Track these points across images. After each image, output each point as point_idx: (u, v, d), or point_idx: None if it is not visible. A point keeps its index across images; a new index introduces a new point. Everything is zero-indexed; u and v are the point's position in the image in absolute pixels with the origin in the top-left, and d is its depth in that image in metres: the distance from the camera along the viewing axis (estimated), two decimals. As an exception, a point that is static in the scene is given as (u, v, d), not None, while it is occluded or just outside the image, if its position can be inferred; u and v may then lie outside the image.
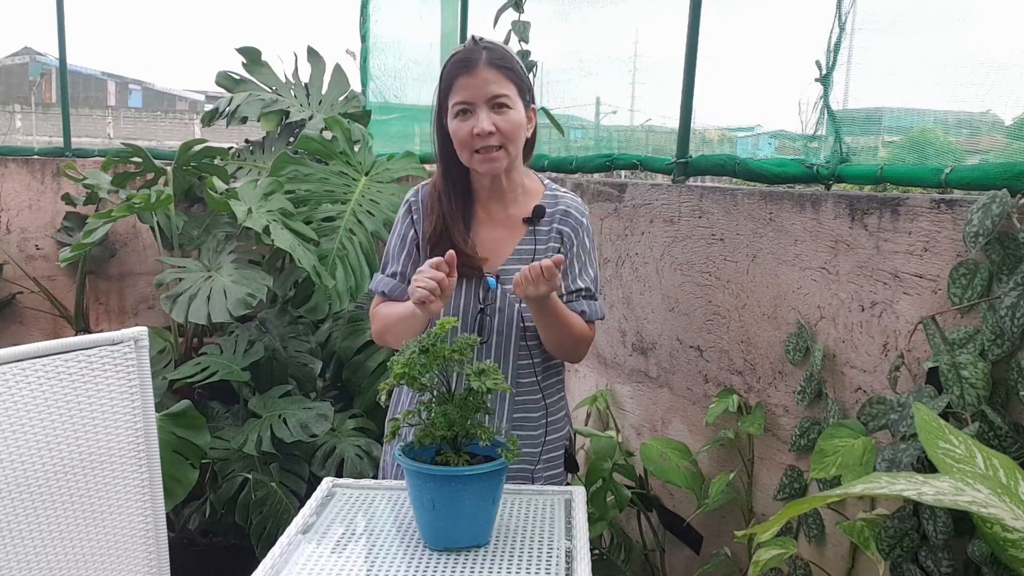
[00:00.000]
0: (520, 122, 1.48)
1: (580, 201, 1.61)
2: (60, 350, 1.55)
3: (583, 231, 1.58)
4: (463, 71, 1.45)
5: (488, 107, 1.45)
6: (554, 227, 1.57)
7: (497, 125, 1.45)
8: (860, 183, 1.60)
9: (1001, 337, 1.18)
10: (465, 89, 1.45)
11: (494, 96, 1.45)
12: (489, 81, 1.45)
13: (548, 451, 1.63)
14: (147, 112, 19.26)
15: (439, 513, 1.21)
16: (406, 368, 1.19)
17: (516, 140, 1.48)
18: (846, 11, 1.57)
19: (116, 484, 1.64)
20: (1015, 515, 0.84)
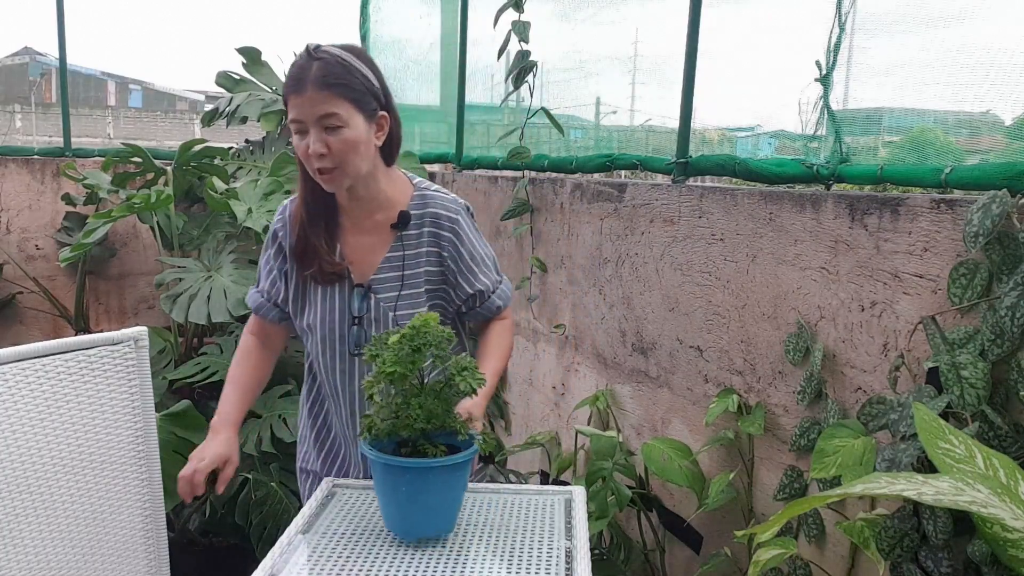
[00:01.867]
0: (355, 140, 1.41)
1: (451, 197, 1.56)
2: (60, 350, 1.55)
3: (461, 229, 1.53)
4: (292, 90, 1.40)
5: (319, 127, 1.40)
6: (424, 231, 1.53)
7: (329, 146, 1.40)
8: (860, 183, 1.60)
9: (1001, 337, 1.18)
10: (296, 108, 1.40)
11: (323, 116, 1.39)
12: (317, 101, 1.38)
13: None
14: (147, 112, 19.26)
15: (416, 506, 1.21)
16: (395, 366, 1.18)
17: (351, 159, 1.42)
18: (846, 11, 1.57)
19: (116, 484, 1.64)
20: (1015, 515, 0.84)
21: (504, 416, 2.75)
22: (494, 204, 2.73)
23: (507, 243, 2.66)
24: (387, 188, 1.53)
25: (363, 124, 1.43)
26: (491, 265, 1.59)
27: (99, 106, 18.46)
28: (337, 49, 1.44)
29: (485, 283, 1.56)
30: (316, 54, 1.41)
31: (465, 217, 1.56)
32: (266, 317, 1.62)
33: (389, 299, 1.53)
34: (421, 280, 1.54)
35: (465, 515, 1.33)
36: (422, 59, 3.60)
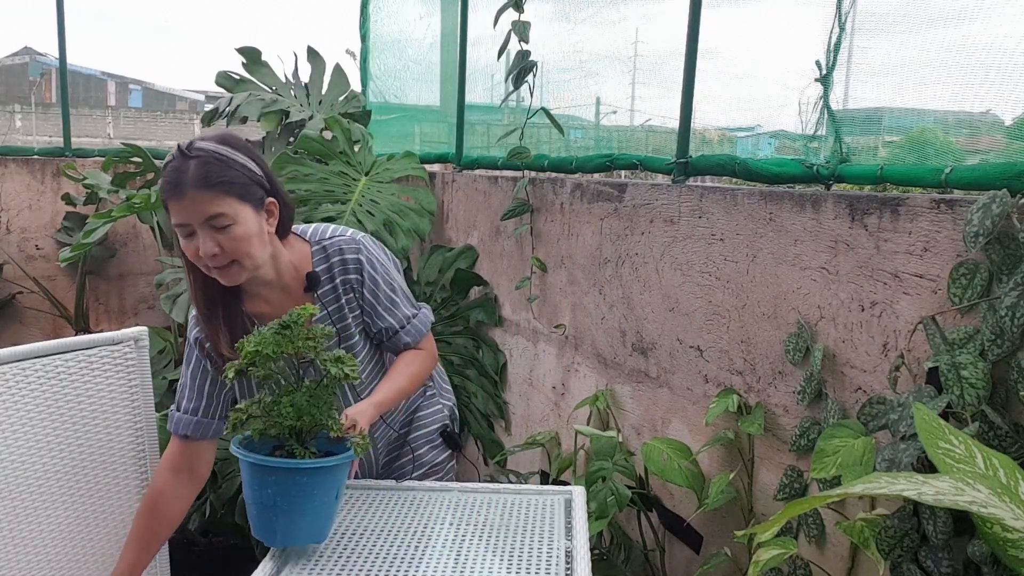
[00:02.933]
0: (247, 234, 1.36)
1: (348, 236, 1.53)
2: (60, 350, 1.55)
3: (364, 269, 1.51)
4: (170, 194, 1.34)
5: (207, 228, 1.34)
6: (337, 282, 1.51)
7: (221, 245, 1.35)
8: (860, 183, 1.60)
9: (1001, 337, 1.18)
10: (178, 213, 1.34)
11: (209, 218, 1.34)
12: (200, 202, 1.33)
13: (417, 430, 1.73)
14: (147, 112, 19.25)
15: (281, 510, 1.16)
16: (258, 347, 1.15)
17: (248, 252, 1.37)
18: (846, 11, 1.57)
19: (116, 484, 1.64)
20: (1015, 515, 0.84)
21: (504, 416, 2.75)
22: (494, 204, 2.73)
23: (507, 243, 2.66)
24: (289, 259, 1.49)
25: (252, 215, 1.38)
26: (400, 299, 1.57)
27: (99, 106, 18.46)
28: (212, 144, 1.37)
29: (389, 321, 1.55)
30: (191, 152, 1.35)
31: (367, 253, 1.52)
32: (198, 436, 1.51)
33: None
34: (353, 329, 1.54)
35: (465, 515, 1.33)
36: (422, 59, 3.60)
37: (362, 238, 1.55)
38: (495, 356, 2.75)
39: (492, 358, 2.76)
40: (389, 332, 1.57)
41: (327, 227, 1.56)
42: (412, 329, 1.59)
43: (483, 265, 2.84)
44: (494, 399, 2.75)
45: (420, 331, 1.61)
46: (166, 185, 1.34)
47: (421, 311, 1.64)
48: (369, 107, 3.60)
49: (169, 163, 1.36)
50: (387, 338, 1.58)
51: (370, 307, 1.54)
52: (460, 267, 2.85)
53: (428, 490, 1.45)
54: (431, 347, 1.66)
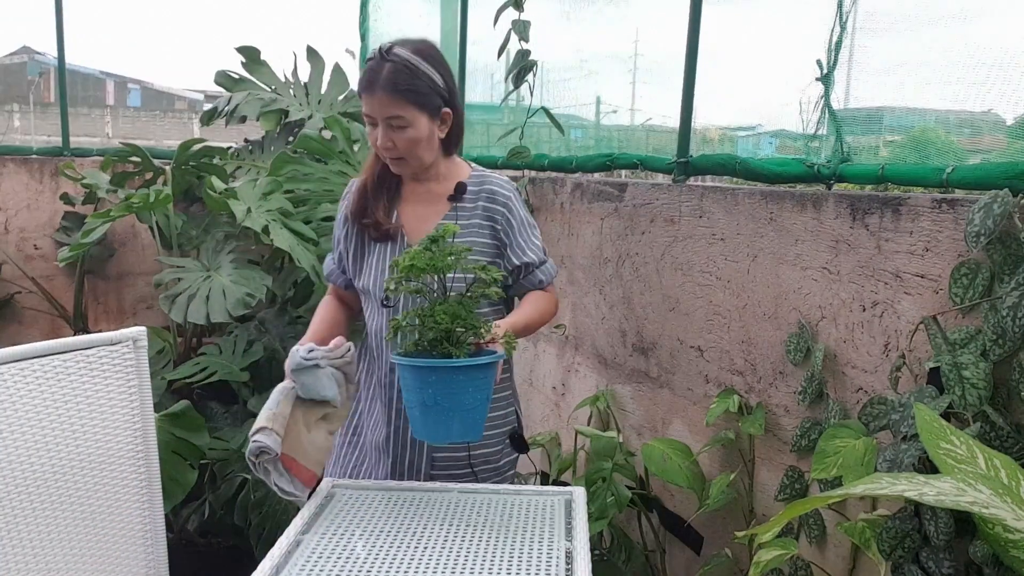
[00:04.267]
0: (418, 138, 1.57)
1: (506, 179, 1.69)
2: (59, 350, 1.54)
3: (514, 206, 1.65)
4: (364, 89, 1.56)
5: (386, 125, 1.56)
6: (480, 204, 1.65)
7: (394, 142, 1.56)
8: (861, 183, 1.59)
9: (1003, 337, 1.17)
10: (367, 105, 1.57)
11: (390, 117, 1.55)
12: (385, 103, 1.55)
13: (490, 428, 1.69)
14: (146, 111, 19.24)
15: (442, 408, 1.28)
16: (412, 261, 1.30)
17: (415, 153, 1.59)
18: (847, 10, 1.56)
19: (115, 485, 1.63)
20: (1016, 516, 0.84)
21: (504, 416, 2.75)
22: (494, 204, 2.73)
23: (507, 243, 2.66)
24: (447, 171, 1.68)
25: (426, 123, 1.58)
26: (538, 244, 1.68)
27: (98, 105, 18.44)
28: (407, 52, 1.57)
29: (532, 257, 1.64)
30: (388, 56, 1.56)
31: (517, 196, 1.68)
32: (336, 282, 1.78)
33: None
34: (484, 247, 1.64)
35: (465, 515, 1.33)
36: (422, 59, 3.59)
37: (515, 185, 1.70)
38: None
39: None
40: (529, 267, 1.65)
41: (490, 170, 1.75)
42: (547, 268, 1.68)
43: (483, 265, 2.84)
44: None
45: (551, 272, 1.69)
46: (362, 79, 1.57)
47: (550, 260, 1.72)
48: (368, 107, 3.59)
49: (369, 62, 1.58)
50: (524, 275, 1.65)
51: (513, 241, 1.65)
52: (460, 267, 2.84)
53: (428, 490, 1.45)
54: (555, 297, 1.71)
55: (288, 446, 1.44)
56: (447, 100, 1.62)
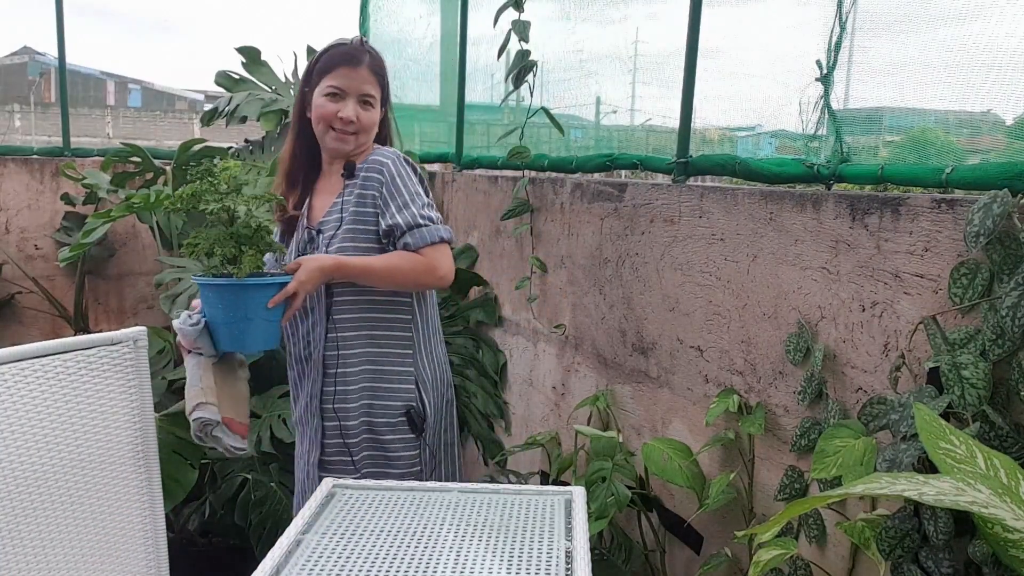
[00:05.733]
0: (373, 120, 1.79)
1: (392, 152, 1.80)
2: (59, 350, 1.55)
3: (388, 169, 1.74)
4: (347, 63, 1.73)
5: (357, 100, 1.74)
6: (361, 175, 1.77)
7: (359, 117, 1.75)
8: (861, 183, 1.59)
9: (1002, 337, 1.18)
10: (344, 78, 1.73)
11: (365, 94, 1.75)
12: (366, 80, 1.75)
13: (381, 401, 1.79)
14: (146, 112, 19.23)
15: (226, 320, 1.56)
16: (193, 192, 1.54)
17: (369, 133, 1.79)
18: (846, 10, 1.56)
19: (115, 484, 1.63)
20: (1016, 515, 0.84)
21: (504, 416, 2.75)
22: (494, 204, 2.73)
23: (507, 243, 2.66)
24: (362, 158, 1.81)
25: (379, 109, 1.81)
26: (415, 211, 1.72)
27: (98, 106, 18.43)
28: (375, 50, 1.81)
29: (398, 220, 1.71)
30: (366, 46, 1.78)
31: (397, 163, 1.77)
32: None
33: (328, 239, 1.77)
34: (356, 220, 1.75)
35: (465, 515, 1.33)
36: (422, 59, 3.60)
37: (402, 156, 1.81)
38: (495, 356, 2.75)
39: (492, 358, 2.75)
40: (396, 231, 1.71)
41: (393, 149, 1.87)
42: (417, 233, 1.71)
43: (483, 265, 2.84)
44: (494, 399, 2.74)
45: (423, 237, 1.71)
46: (344, 56, 1.74)
47: (435, 226, 1.73)
48: (369, 107, 3.59)
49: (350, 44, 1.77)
50: (394, 238, 1.72)
51: (384, 204, 1.73)
52: (460, 267, 2.85)
53: (428, 490, 1.45)
54: (433, 263, 1.72)
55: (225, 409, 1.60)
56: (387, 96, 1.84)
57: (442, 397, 1.90)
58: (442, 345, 1.95)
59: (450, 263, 1.75)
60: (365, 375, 1.80)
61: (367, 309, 1.78)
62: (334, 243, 1.75)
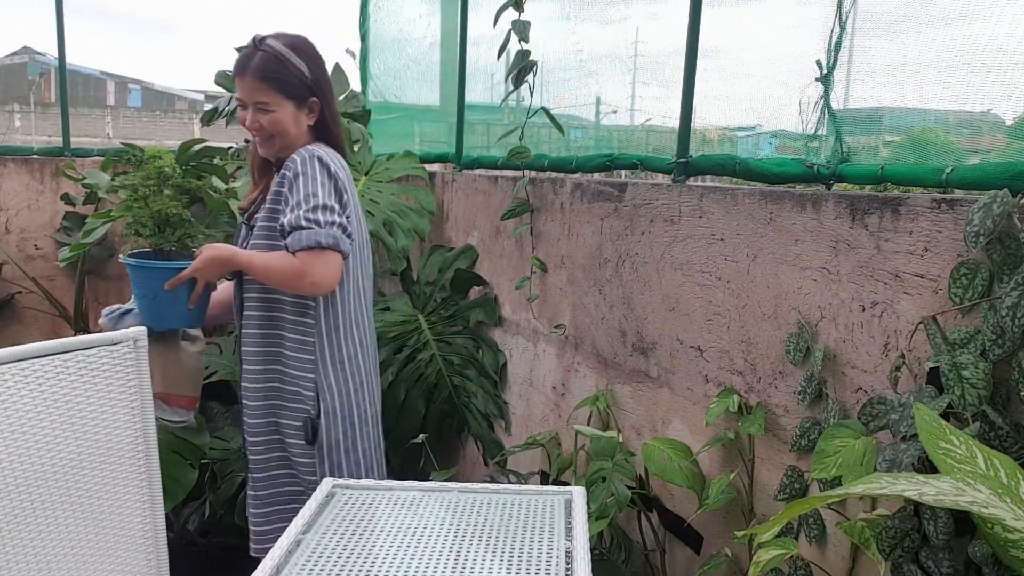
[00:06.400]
0: (281, 120, 1.75)
1: (311, 149, 1.76)
2: (59, 350, 1.55)
3: (294, 170, 1.72)
4: (236, 73, 1.75)
5: (254, 107, 1.75)
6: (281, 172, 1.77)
7: (260, 123, 1.75)
8: (861, 183, 1.59)
9: (1002, 337, 1.18)
10: (239, 88, 1.76)
11: (256, 101, 1.74)
12: (253, 88, 1.73)
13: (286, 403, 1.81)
14: (146, 112, 19.24)
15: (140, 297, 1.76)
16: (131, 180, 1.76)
17: (285, 135, 1.77)
18: (846, 10, 1.56)
19: (115, 484, 1.63)
20: (1016, 515, 0.84)
21: (504, 416, 2.75)
22: (494, 204, 2.73)
23: (507, 243, 2.66)
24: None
25: (292, 109, 1.76)
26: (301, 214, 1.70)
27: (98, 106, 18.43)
28: (279, 44, 1.74)
29: (288, 218, 1.71)
30: (260, 46, 1.74)
31: (306, 162, 1.73)
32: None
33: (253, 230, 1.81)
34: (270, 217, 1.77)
35: (465, 515, 1.33)
36: (422, 58, 3.60)
37: (323, 154, 1.76)
38: (495, 356, 2.75)
39: (492, 358, 2.75)
40: (283, 229, 1.72)
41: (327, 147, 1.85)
42: (296, 235, 1.69)
43: (483, 265, 2.84)
44: (494, 399, 2.74)
45: (299, 240, 1.68)
46: (235, 66, 1.75)
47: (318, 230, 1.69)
48: (369, 107, 3.59)
49: (243, 49, 1.76)
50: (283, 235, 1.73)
51: (284, 202, 1.73)
52: (460, 267, 2.85)
53: (428, 490, 1.45)
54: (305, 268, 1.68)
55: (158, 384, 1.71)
56: (314, 91, 1.78)
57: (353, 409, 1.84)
58: (359, 356, 1.88)
59: (327, 269, 1.69)
60: (271, 375, 1.82)
61: (274, 308, 1.81)
62: (251, 238, 1.81)
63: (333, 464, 1.83)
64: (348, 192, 1.79)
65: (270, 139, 1.78)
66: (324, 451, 1.81)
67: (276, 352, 1.81)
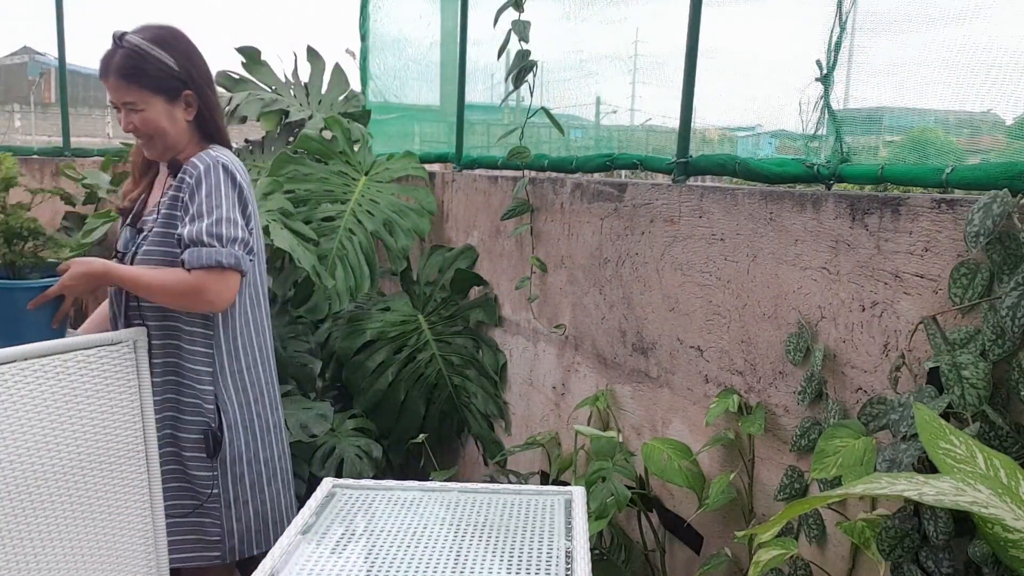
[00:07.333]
0: (153, 119, 1.67)
1: (215, 156, 1.70)
2: (59, 350, 1.55)
3: (197, 177, 1.66)
4: (100, 76, 1.67)
5: (124, 108, 1.67)
6: (179, 177, 1.70)
7: (133, 124, 1.67)
8: (861, 183, 1.59)
9: (1002, 337, 1.18)
10: (107, 91, 1.68)
11: (124, 103, 1.66)
12: (118, 89, 1.65)
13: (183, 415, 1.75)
14: (146, 112, 19.13)
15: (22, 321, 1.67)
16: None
17: (165, 134, 1.69)
18: (846, 10, 1.56)
19: (116, 484, 1.63)
20: (1016, 515, 0.84)
21: (504, 416, 2.75)
22: (494, 204, 2.73)
23: (507, 243, 2.66)
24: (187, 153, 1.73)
25: (163, 105, 1.68)
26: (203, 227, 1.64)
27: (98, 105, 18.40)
28: (139, 38, 1.66)
29: (187, 230, 1.64)
30: (120, 43, 1.65)
31: (210, 170, 1.67)
32: None
33: (142, 238, 1.73)
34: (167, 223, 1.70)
35: (465, 515, 1.33)
36: (422, 58, 3.60)
37: (227, 161, 1.70)
38: (495, 356, 2.75)
39: (492, 358, 2.75)
40: (181, 242, 1.66)
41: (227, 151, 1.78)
42: (195, 252, 1.63)
43: (483, 265, 2.84)
44: (494, 399, 2.74)
45: (198, 258, 1.62)
46: (99, 67, 1.66)
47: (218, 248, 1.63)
48: (369, 107, 3.59)
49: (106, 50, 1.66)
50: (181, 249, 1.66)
51: (184, 210, 1.67)
52: (460, 267, 2.85)
53: (428, 490, 1.45)
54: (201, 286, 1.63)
55: None
56: (187, 83, 1.69)
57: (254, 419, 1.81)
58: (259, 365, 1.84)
59: (224, 288, 1.64)
60: (168, 387, 1.74)
61: (170, 319, 1.73)
62: (144, 244, 1.71)
63: (235, 476, 1.77)
64: (251, 202, 1.74)
65: (150, 140, 1.70)
66: (227, 463, 1.76)
67: (174, 364, 1.74)
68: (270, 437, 1.85)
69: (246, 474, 1.80)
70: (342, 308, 2.80)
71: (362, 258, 2.83)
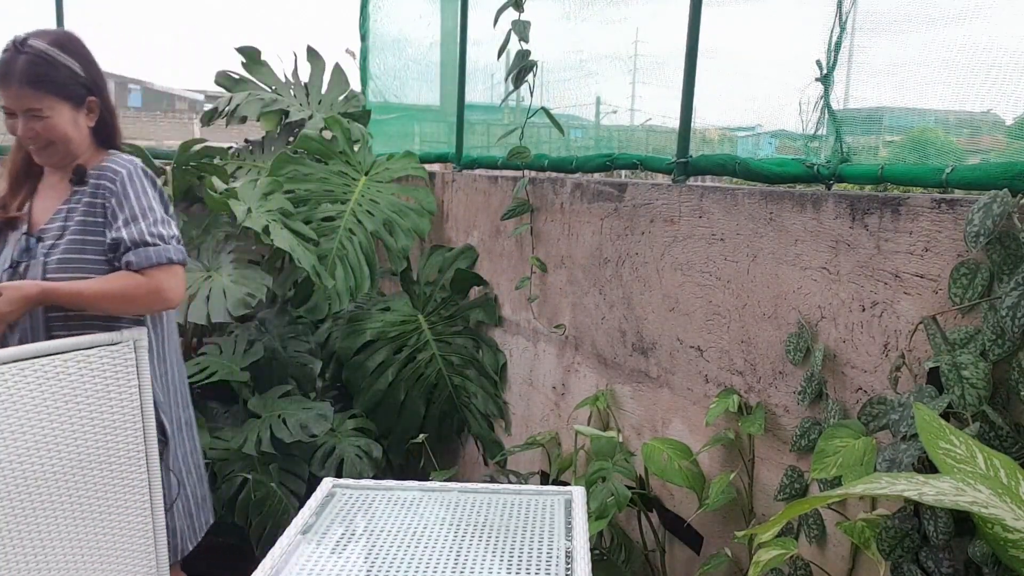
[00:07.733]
0: (58, 125, 1.62)
1: (129, 161, 1.68)
2: (59, 350, 1.55)
3: (124, 183, 1.64)
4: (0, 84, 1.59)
5: (26, 116, 1.61)
6: (91, 183, 1.66)
7: (35, 131, 1.62)
8: (861, 183, 1.59)
9: (1002, 337, 1.18)
10: (4, 98, 1.61)
11: (27, 109, 1.60)
12: (21, 96, 1.59)
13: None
14: (146, 112, 19.23)
15: None
16: None
17: (60, 140, 1.64)
18: (846, 10, 1.56)
19: (115, 484, 1.63)
20: (1016, 515, 0.84)
21: (504, 416, 2.75)
22: (494, 204, 2.73)
23: (507, 243, 2.66)
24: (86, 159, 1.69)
25: (69, 112, 1.64)
26: (145, 223, 1.63)
27: None
28: (43, 44, 1.61)
29: (122, 234, 1.62)
30: (22, 48, 1.59)
31: (133, 174, 1.66)
32: None
33: (48, 247, 1.65)
34: (84, 231, 1.65)
35: (465, 515, 1.33)
36: (422, 58, 3.60)
37: (140, 166, 1.70)
38: (495, 356, 2.75)
39: (492, 358, 2.75)
40: (119, 246, 1.62)
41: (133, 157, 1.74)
42: (143, 252, 1.61)
43: (483, 265, 2.84)
44: (494, 399, 2.74)
45: (148, 257, 1.61)
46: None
47: (164, 246, 1.63)
48: (369, 107, 3.59)
49: (3, 54, 1.60)
50: (118, 254, 1.63)
51: (112, 216, 1.63)
52: (460, 267, 2.85)
53: (428, 490, 1.45)
54: (159, 285, 1.62)
55: None
56: (91, 89, 1.67)
57: (180, 419, 1.82)
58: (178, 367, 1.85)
59: (177, 284, 1.65)
60: None
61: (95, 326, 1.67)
62: (54, 253, 1.64)
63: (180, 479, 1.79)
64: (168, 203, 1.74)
65: (49, 146, 1.64)
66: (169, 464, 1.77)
67: None
68: (182, 435, 1.86)
69: (183, 472, 1.82)
70: (342, 308, 2.80)
71: (362, 258, 2.84)
